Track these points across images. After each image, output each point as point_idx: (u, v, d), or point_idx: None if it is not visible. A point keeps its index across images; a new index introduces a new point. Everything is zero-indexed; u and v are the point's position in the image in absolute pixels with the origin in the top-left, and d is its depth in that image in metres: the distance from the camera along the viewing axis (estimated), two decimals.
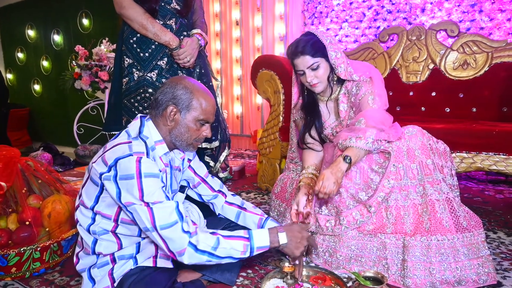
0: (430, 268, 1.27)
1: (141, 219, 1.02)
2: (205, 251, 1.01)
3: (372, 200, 1.37)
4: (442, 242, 1.28)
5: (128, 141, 1.10)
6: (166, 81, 1.22)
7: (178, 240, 1.00)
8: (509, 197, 2.38)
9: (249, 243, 1.06)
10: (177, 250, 1.01)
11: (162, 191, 1.05)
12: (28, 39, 5.67)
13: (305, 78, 1.52)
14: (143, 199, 1.02)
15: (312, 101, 1.66)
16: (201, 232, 1.04)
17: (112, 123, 1.71)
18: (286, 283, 1.26)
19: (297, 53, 1.49)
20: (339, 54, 1.50)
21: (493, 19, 2.82)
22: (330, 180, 1.33)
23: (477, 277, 1.27)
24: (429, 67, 2.56)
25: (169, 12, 1.62)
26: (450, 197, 1.34)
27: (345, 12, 3.43)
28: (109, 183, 1.05)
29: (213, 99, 1.22)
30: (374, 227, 1.37)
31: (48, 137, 5.54)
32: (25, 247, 1.38)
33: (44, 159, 3.31)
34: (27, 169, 1.52)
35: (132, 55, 1.61)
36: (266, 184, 2.55)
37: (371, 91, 1.50)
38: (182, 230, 1.01)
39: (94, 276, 1.15)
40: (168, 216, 1.01)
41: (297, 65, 1.52)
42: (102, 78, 3.85)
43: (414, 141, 1.39)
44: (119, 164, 1.04)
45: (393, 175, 1.37)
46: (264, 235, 1.11)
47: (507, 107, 2.31)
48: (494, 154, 1.81)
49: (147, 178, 1.03)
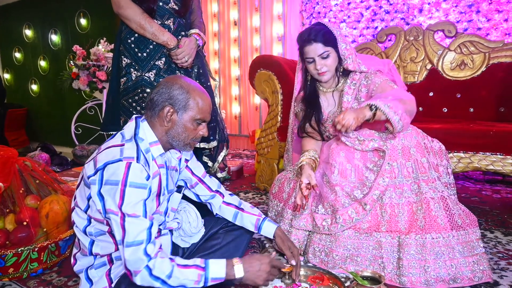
0: (425, 266, 1.28)
1: (115, 230, 1.02)
2: (158, 278, 0.99)
3: (367, 198, 1.38)
4: (437, 240, 1.29)
5: (120, 144, 1.09)
6: (161, 81, 1.20)
7: (136, 260, 0.99)
8: (506, 197, 2.39)
9: (204, 273, 1.02)
10: (133, 269, 1.00)
11: (142, 205, 1.03)
12: (25, 38, 5.65)
13: (314, 66, 1.56)
14: (122, 208, 1.00)
15: (314, 92, 1.70)
16: (160, 258, 1.01)
17: (110, 123, 1.71)
18: (284, 283, 1.27)
19: (310, 40, 1.53)
20: (348, 46, 1.57)
21: (490, 20, 2.83)
22: (351, 114, 1.33)
23: (472, 274, 1.27)
24: (426, 67, 2.56)
25: (167, 12, 1.62)
26: (445, 195, 1.34)
27: (343, 12, 3.44)
28: (94, 187, 1.04)
29: (209, 98, 1.21)
30: (369, 225, 1.38)
31: (46, 137, 5.52)
32: (23, 248, 1.38)
33: (42, 159, 3.30)
34: (25, 169, 1.52)
35: (130, 55, 1.61)
36: (264, 184, 2.55)
37: (386, 78, 1.55)
38: (143, 251, 0.99)
39: (91, 277, 1.15)
40: (137, 233, 1.00)
41: (307, 52, 1.56)
42: (100, 78, 3.84)
43: (409, 139, 1.40)
44: (107, 168, 1.03)
45: (387, 173, 1.38)
46: (220, 266, 1.06)
47: (504, 107, 2.32)
48: (491, 154, 1.81)
49: (132, 188, 1.01)
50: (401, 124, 1.34)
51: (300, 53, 1.63)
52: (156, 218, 1.22)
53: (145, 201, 1.04)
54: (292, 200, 1.62)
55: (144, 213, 1.03)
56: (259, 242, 1.71)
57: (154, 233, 1.04)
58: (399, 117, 1.33)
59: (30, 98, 5.83)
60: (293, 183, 1.66)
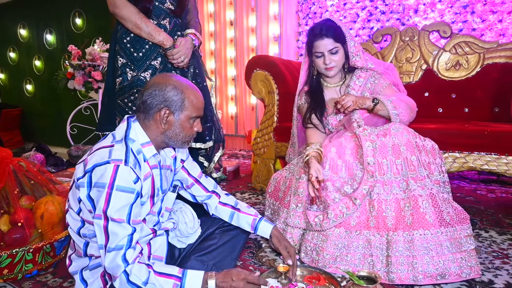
0: (413, 262, 1.29)
1: (97, 234, 1.02)
2: (135, 284, 0.99)
3: (357, 193, 1.40)
4: (424, 236, 1.30)
5: (110, 145, 1.08)
6: (151, 83, 1.16)
7: (114, 266, 1.00)
8: (500, 196, 2.40)
9: (179, 283, 1.02)
10: (112, 273, 1.01)
11: (127, 210, 1.02)
12: (20, 38, 5.62)
13: (323, 60, 1.63)
14: (106, 212, 1.00)
15: (318, 86, 1.76)
16: (138, 264, 1.01)
17: (105, 123, 1.70)
18: (281, 283, 1.27)
19: (321, 35, 1.59)
20: (356, 44, 1.64)
21: (484, 20, 2.85)
22: (351, 97, 1.54)
23: (459, 270, 1.28)
24: (422, 67, 2.58)
25: (163, 12, 1.62)
26: (434, 192, 1.36)
27: (339, 12, 3.45)
28: (82, 189, 1.04)
29: (200, 94, 1.20)
30: (358, 221, 1.39)
31: (41, 137, 5.49)
32: (17, 249, 1.37)
33: (37, 159, 3.28)
34: (19, 170, 1.51)
35: (125, 55, 1.60)
36: (261, 184, 2.55)
37: (389, 83, 1.68)
38: (122, 257, 0.99)
39: (86, 278, 1.15)
40: (119, 239, 1.00)
41: (318, 47, 1.61)
42: (96, 78, 3.82)
43: (399, 137, 1.42)
44: (95, 171, 1.02)
45: (373, 169, 1.40)
46: (197, 279, 1.05)
47: (498, 107, 2.33)
48: (486, 154, 1.83)
49: (118, 192, 1.01)
50: (398, 120, 1.50)
51: (308, 48, 1.68)
52: (149, 219, 1.22)
53: (132, 206, 1.04)
54: (287, 198, 1.63)
55: (128, 219, 1.02)
56: (256, 242, 1.71)
57: (136, 239, 1.04)
58: (397, 112, 1.51)
59: (25, 98, 5.80)
60: (289, 182, 1.67)
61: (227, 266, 1.31)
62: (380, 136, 1.45)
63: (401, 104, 1.54)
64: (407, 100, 1.61)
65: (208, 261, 1.30)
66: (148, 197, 1.16)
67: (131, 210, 1.03)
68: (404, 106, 1.55)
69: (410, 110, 1.58)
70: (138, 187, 1.06)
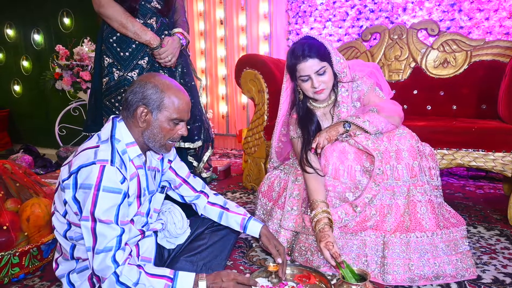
0: (409, 264, 1.29)
1: (84, 236, 1.01)
2: (124, 284, 0.99)
3: (359, 201, 1.38)
4: (421, 239, 1.31)
5: (95, 146, 1.06)
6: (135, 80, 1.16)
7: (104, 268, 0.99)
8: (489, 192, 2.43)
9: (171, 284, 1.02)
10: (101, 275, 1.00)
11: (115, 211, 1.01)
12: (7, 38, 5.52)
13: (311, 84, 1.45)
14: (94, 213, 0.98)
15: (308, 113, 1.57)
16: (128, 265, 1.01)
17: (92, 124, 1.68)
18: (271, 282, 1.27)
19: (305, 56, 1.40)
20: (341, 59, 1.48)
21: (472, 19, 2.88)
22: (322, 136, 1.46)
23: (455, 272, 1.29)
24: (410, 65, 2.59)
25: (150, 11, 1.60)
26: (432, 199, 1.37)
27: (329, 11, 3.46)
28: (68, 191, 1.02)
29: (186, 96, 1.16)
30: (355, 224, 1.38)
31: (29, 139, 5.40)
32: (3, 253, 1.34)
33: (25, 161, 3.23)
34: (4, 172, 1.48)
35: (112, 55, 1.58)
36: (252, 183, 2.55)
37: (374, 82, 1.56)
38: (112, 258, 0.99)
39: (73, 281, 1.13)
40: (108, 240, 0.99)
41: (302, 70, 1.43)
42: (84, 78, 3.78)
43: (403, 142, 1.39)
44: (81, 172, 1.01)
45: (379, 178, 1.38)
46: (188, 280, 1.04)
47: (485, 104, 2.36)
48: (474, 151, 1.85)
49: (105, 193, 1.00)
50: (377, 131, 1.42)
51: (290, 71, 1.50)
52: (138, 219, 1.21)
53: (119, 206, 1.03)
54: (282, 200, 1.59)
55: (116, 219, 1.01)
56: (246, 242, 1.70)
57: (125, 240, 1.03)
58: (378, 129, 1.42)
59: (12, 99, 5.70)
60: (284, 183, 1.63)
61: (217, 267, 1.31)
62: (384, 141, 1.41)
63: (379, 119, 1.41)
64: (388, 109, 1.46)
65: (198, 261, 1.30)
66: (135, 197, 1.15)
67: (118, 211, 1.02)
68: (385, 121, 1.41)
69: (393, 119, 1.45)
70: (125, 187, 1.05)
